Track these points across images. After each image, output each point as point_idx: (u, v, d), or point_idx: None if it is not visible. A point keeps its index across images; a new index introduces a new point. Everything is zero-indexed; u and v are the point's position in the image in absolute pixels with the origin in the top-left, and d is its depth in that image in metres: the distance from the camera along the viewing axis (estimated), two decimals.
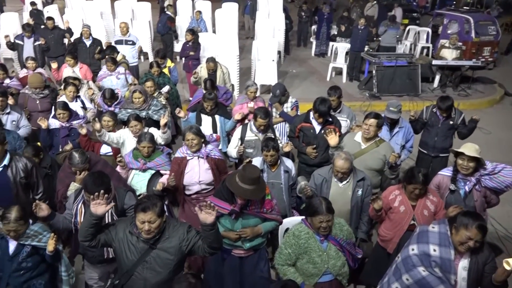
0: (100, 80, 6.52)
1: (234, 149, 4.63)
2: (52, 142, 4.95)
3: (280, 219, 3.52)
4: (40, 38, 7.65)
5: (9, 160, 3.68)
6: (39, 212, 3.13)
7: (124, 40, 7.91)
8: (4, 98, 4.88)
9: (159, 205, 2.64)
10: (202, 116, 5.19)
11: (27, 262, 2.99)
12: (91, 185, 3.04)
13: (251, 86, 5.56)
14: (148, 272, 2.69)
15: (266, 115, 4.50)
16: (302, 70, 11.15)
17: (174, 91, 6.55)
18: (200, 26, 10.39)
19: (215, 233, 2.65)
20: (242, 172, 3.15)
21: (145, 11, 11.48)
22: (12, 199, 3.60)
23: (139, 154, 4.12)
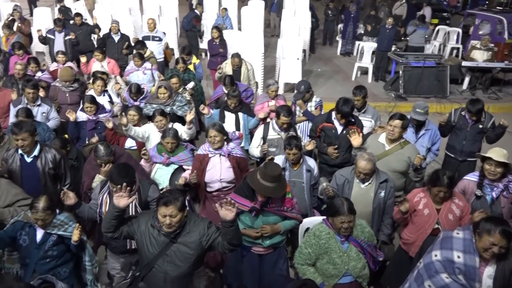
0: (127, 75, 6.64)
1: (256, 148, 4.63)
2: (79, 135, 5.08)
3: (300, 218, 3.51)
4: (70, 32, 7.84)
5: (39, 151, 3.80)
6: (67, 200, 3.23)
7: (151, 36, 8.02)
8: (35, 90, 5.03)
9: (181, 200, 2.68)
10: (225, 113, 5.22)
11: (53, 250, 3.08)
12: (117, 176, 3.11)
13: (272, 85, 5.55)
14: (168, 266, 2.73)
15: (289, 113, 4.48)
16: (327, 69, 11.05)
17: (199, 88, 6.61)
18: (225, 23, 10.43)
19: (234, 230, 2.67)
20: (263, 169, 3.16)
21: (172, 8, 11.59)
22: (40, 189, 3.72)
23: (163, 148, 4.18)
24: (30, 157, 3.78)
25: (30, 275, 3.06)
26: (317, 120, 4.80)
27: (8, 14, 9.09)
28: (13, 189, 3.42)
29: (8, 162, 3.76)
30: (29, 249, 3.06)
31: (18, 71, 5.85)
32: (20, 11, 9.36)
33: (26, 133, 3.65)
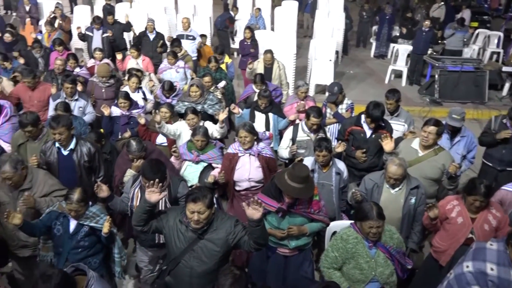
0: (160, 73, 6.78)
1: (285, 150, 4.61)
2: (112, 129, 5.22)
3: (327, 221, 3.47)
4: (108, 30, 8.07)
5: (75, 144, 3.93)
6: (100, 192, 3.32)
7: (185, 35, 8.14)
8: (73, 85, 5.21)
9: (209, 197, 2.70)
10: (255, 113, 5.22)
11: (85, 241, 3.17)
12: (149, 171, 3.18)
13: (302, 86, 5.53)
14: (195, 261, 2.76)
15: (319, 114, 4.44)
16: (359, 71, 10.89)
17: (230, 87, 6.66)
18: (258, 24, 10.46)
19: (261, 230, 2.67)
20: (291, 170, 3.15)
21: (207, 7, 11.73)
22: (76, 180, 3.85)
23: (193, 146, 4.23)
24: (67, 150, 3.91)
25: (62, 264, 3.16)
26: (346, 123, 4.74)
27: (50, 12, 9.46)
28: (50, 180, 3.55)
29: (46, 154, 3.91)
30: (63, 238, 3.17)
31: (58, 66, 6.08)
32: (61, 9, 9.72)
33: (63, 128, 3.78)
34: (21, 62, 6.75)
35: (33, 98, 5.46)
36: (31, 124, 4.02)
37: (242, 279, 2.47)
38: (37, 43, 7.33)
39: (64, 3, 11.16)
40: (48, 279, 2.18)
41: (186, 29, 8.24)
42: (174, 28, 10.42)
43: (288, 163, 5.00)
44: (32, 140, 4.14)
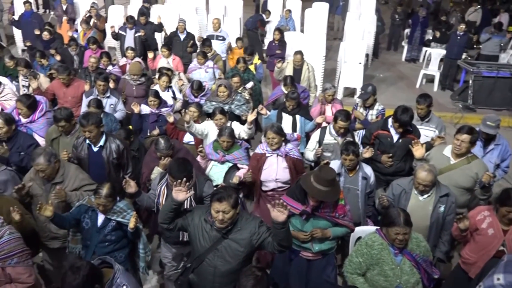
0: (189, 72, 6.87)
1: (311, 152, 4.59)
2: (141, 127, 5.33)
3: (352, 226, 3.42)
4: (140, 30, 8.24)
5: (105, 141, 4.03)
6: (128, 188, 3.40)
7: (215, 36, 8.23)
8: (106, 83, 5.36)
9: (234, 197, 2.72)
10: (283, 115, 5.21)
11: (112, 235, 3.24)
12: (176, 170, 3.23)
13: (329, 89, 5.48)
14: (218, 260, 2.78)
15: (347, 118, 4.39)
16: (390, 75, 10.69)
17: (257, 88, 6.67)
18: (288, 25, 10.44)
19: (285, 232, 2.66)
20: (317, 172, 3.12)
21: (237, 8, 11.79)
22: (105, 176, 3.95)
23: (219, 146, 4.26)
24: (97, 146, 4.02)
25: (90, 256, 3.25)
26: (372, 126, 4.67)
27: (86, 11, 9.76)
28: (80, 174, 3.65)
29: (78, 150, 4.03)
30: (91, 232, 3.26)
31: (91, 64, 6.26)
32: (96, 8, 10.01)
33: (92, 126, 3.88)
34: (57, 59, 6.99)
35: (67, 94, 5.63)
36: (64, 120, 4.15)
37: (264, 281, 2.47)
38: (73, 41, 7.57)
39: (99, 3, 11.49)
40: (77, 270, 2.24)
41: (216, 29, 8.32)
42: (205, 29, 10.53)
43: (313, 166, 4.96)
44: (64, 135, 4.27)
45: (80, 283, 2.22)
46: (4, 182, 3.58)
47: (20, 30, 9.54)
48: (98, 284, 2.33)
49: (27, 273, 2.89)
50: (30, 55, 7.52)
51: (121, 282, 2.41)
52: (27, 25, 9.04)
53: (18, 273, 2.83)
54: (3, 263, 2.78)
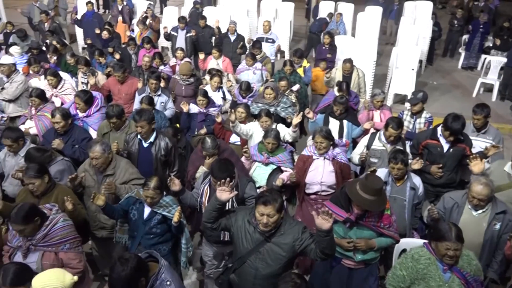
0: (238, 73, 6.94)
1: (357, 155, 4.50)
2: (190, 125, 5.45)
3: (397, 237, 3.30)
4: (191, 30, 8.43)
5: (155, 138, 4.16)
6: (172, 186, 3.48)
7: (265, 38, 8.26)
8: (158, 81, 5.54)
9: (280, 201, 2.70)
10: (330, 119, 5.14)
11: (157, 228, 3.34)
12: (217, 170, 3.27)
13: (378, 95, 5.34)
14: (260, 263, 2.78)
15: (398, 126, 4.25)
16: (444, 83, 10.23)
17: (303, 90, 6.61)
18: (339, 29, 10.28)
19: (329, 240, 2.62)
20: (364, 180, 3.04)
21: (288, 11, 11.79)
22: (152, 172, 4.06)
23: (263, 147, 4.26)
24: (147, 142, 4.16)
25: (135, 247, 3.38)
26: (420, 136, 4.48)
27: (142, 12, 10.15)
28: (130, 168, 3.79)
29: (129, 144, 4.20)
30: (137, 223, 3.37)
31: (145, 63, 6.50)
32: (152, 9, 10.38)
33: (144, 122, 4.03)
34: (116, 57, 7.31)
35: (122, 91, 5.88)
36: (116, 116, 4.34)
37: None
38: (132, 41, 7.89)
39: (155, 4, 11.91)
40: (125, 262, 2.33)
41: (266, 32, 8.36)
42: (255, 31, 10.62)
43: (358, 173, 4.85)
44: (115, 130, 4.46)
45: (128, 274, 2.30)
46: (61, 172, 3.79)
47: (81, 29, 10.09)
48: (144, 277, 2.40)
49: (77, 259, 3.04)
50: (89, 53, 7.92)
51: (165, 278, 2.47)
52: (88, 24, 9.55)
53: (69, 259, 2.99)
54: (56, 248, 2.94)
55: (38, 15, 9.88)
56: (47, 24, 9.46)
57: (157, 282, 2.44)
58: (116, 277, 2.30)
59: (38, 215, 2.90)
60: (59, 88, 5.73)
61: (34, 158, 3.62)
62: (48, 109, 4.88)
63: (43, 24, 9.52)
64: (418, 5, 12.04)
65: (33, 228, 2.87)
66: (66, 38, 10.67)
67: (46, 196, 3.38)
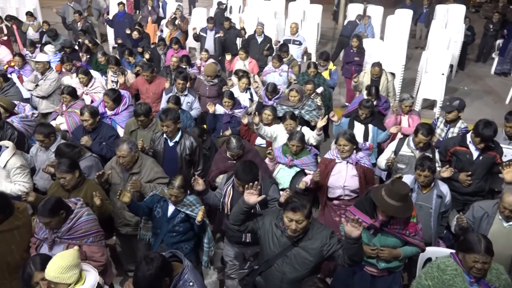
0: (264, 75, 6.95)
1: (384, 160, 4.42)
2: (215, 126, 5.49)
3: (423, 246, 3.22)
4: (219, 31, 8.51)
5: (180, 137, 4.21)
6: (196, 186, 3.51)
7: (292, 40, 8.24)
8: (185, 82, 5.61)
9: (308, 207, 2.68)
10: (355, 123, 5.07)
11: (180, 226, 3.38)
12: (242, 172, 3.28)
13: (406, 99, 5.23)
14: (287, 267, 2.76)
15: (429, 132, 4.14)
16: (475, 89, 9.93)
17: (327, 93, 6.54)
18: (366, 32, 10.14)
19: (358, 248, 2.59)
20: (390, 186, 2.98)
21: (316, 13, 11.74)
22: (176, 171, 4.11)
23: (288, 150, 4.25)
24: (172, 141, 4.22)
25: (158, 245, 3.43)
26: (449, 142, 4.36)
27: (172, 13, 10.30)
28: (156, 167, 3.85)
29: (155, 143, 4.27)
30: (161, 221, 3.42)
31: (173, 63, 6.60)
32: (181, 10, 10.52)
33: (170, 121, 4.09)
34: (146, 57, 7.45)
35: (149, 90, 5.99)
36: (143, 114, 4.42)
37: None
38: (162, 41, 8.03)
39: (184, 5, 12.06)
40: (151, 261, 2.37)
41: (293, 34, 8.33)
42: (282, 33, 10.61)
43: (383, 179, 4.76)
44: (142, 128, 4.54)
45: (152, 274, 2.33)
46: (89, 168, 3.89)
47: (112, 28, 10.34)
48: (168, 277, 2.43)
49: (100, 252, 3.11)
50: (119, 52, 8.11)
51: (188, 278, 2.49)
52: (119, 25, 9.78)
53: (92, 252, 3.06)
54: (80, 241, 3.01)
55: (72, 15, 10.19)
56: (80, 23, 9.74)
57: (180, 282, 2.47)
58: (141, 276, 2.34)
59: (64, 208, 2.98)
60: (90, 86, 5.88)
61: (64, 153, 3.73)
62: (79, 106, 5.02)
63: (76, 24, 9.81)
64: (450, 8, 11.75)
65: (58, 221, 2.95)
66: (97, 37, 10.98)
67: (76, 190, 3.48)
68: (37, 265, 2.49)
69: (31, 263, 2.53)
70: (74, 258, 2.48)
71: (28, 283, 2.47)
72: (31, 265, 2.51)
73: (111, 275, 3.43)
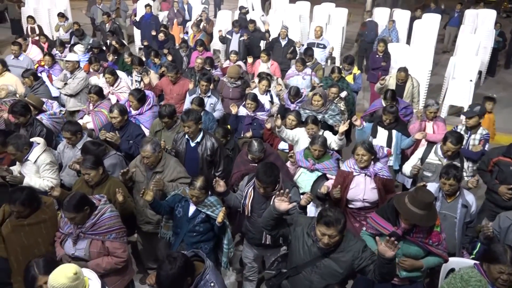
0: (287, 78, 6.94)
1: (410, 167, 4.34)
2: (237, 127, 5.52)
3: (446, 257, 3.14)
4: (244, 33, 8.55)
5: (201, 138, 4.25)
6: (217, 187, 3.53)
7: (316, 43, 8.21)
8: (208, 83, 5.66)
9: (343, 222, 2.63)
10: (378, 128, 5.00)
11: (200, 226, 3.41)
12: (263, 174, 3.28)
13: (431, 105, 5.12)
14: (315, 276, 2.74)
15: (458, 141, 4.05)
16: (505, 96, 9.63)
17: (351, 98, 6.48)
18: (391, 36, 9.99)
19: (391, 267, 2.54)
20: (413, 194, 2.93)
21: (341, 17, 11.64)
22: (197, 172, 4.14)
23: (309, 154, 4.23)
24: (194, 142, 4.26)
25: (178, 244, 3.46)
26: (493, 152, 4.24)
27: (197, 15, 10.43)
28: (178, 167, 3.90)
29: (177, 143, 4.32)
30: (182, 220, 3.46)
31: (198, 64, 6.67)
32: (207, 13, 10.63)
33: (191, 122, 4.13)
34: (169, 59, 7.56)
35: (173, 91, 6.07)
36: (167, 116, 4.50)
37: None
38: (184, 43, 8.15)
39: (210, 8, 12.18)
40: (173, 260, 2.39)
41: (318, 37, 8.30)
42: (307, 36, 10.57)
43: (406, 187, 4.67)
44: (166, 129, 4.61)
45: (175, 273, 2.36)
46: (113, 165, 3.97)
47: (139, 30, 10.54)
48: (190, 276, 2.44)
49: (122, 248, 3.16)
50: (145, 53, 8.25)
51: (209, 279, 2.50)
52: (146, 26, 9.95)
53: (114, 248, 3.11)
54: (103, 237, 3.08)
55: (101, 16, 10.44)
56: (108, 25, 9.97)
57: (201, 282, 2.48)
58: (164, 274, 2.36)
59: (88, 204, 3.05)
60: (116, 86, 6.02)
61: (90, 151, 3.82)
62: (105, 105, 5.14)
63: (104, 25, 10.04)
64: (480, 13, 11.46)
65: (83, 217, 3.02)
66: (124, 38, 11.19)
67: (99, 186, 3.56)
68: (41, 269, 2.49)
69: (34, 265, 2.51)
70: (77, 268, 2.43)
71: (31, 285, 2.48)
72: (35, 268, 2.50)
73: (132, 271, 3.48)
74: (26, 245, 3.13)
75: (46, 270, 2.46)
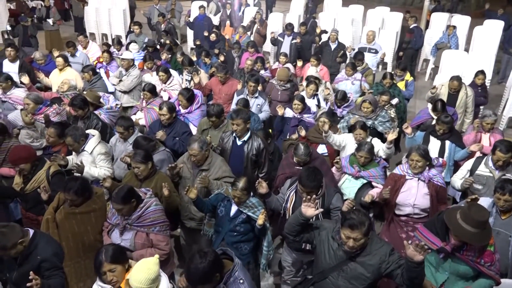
0: (336, 83, 6.84)
1: (460, 180, 4.12)
2: (282, 129, 5.51)
3: (498, 279, 2.95)
4: (297, 37, 8.53)
5: (248, 137, 4.29)
6: (260, 189, 3.54)
7: (368, 48, 8.03)
8: (256, 84, 5.70)
9: (367, 224, 2.59)
10: (430, 138, 4.80)
11: (241, 226, 3.43)
12: (305, 179, 3.25)
13: (489, 116, 4.85)
14: (342, 281, 2.70)
15: (508, 149, 3.81)
16: None
17: (402, 105, 6.27)
18: (450, 42, 9.56)
19: (419, 271, 2.46)
20: (467, 210, 2.77)
21: (396, 21, 11.29)
22: (242, 171, 4.20)
23: (355, 160, 4.14)
24: (241, 140, 4.31)
25: (219, 242, 3.51)
26: None
27: (251, 17, 10.53)
28: (224, 166, 3.95)
29: (224, 141, 4.39)
30: (223, 219, 3.50)
31: (247, 66, 6.75)
32: (261, 14, 10.71)
33: (240, 120, 4.18)
34: (221, 59, 7.70)
35: (222, 91, 6.17)
36: (215, 115, 4.59)
37: None
38: (237, 44, 8.26)
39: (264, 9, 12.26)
40: (204, 255, 2.43)
41: (370, 42, 8.12)
42: (358, 40, 10.37)
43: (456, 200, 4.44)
44: (213, 128, 4.70)
45: (205, 267, 2.39)
46: (162, 161, 4.10)
47: (192, 30, 10.82)
48: (218, 273, 2.47)
49: (165, 241, 3.26)
50: (197, 53, 8.45)
51: (238, 276, 2.51)
52: (198, 27, 10.20)
53: (158, 240, 3.21)
54: (148, 229, 3.18)
55: (157, 17, 10.82)
56: (163, 25, 10.31)
57: (230, 279, 2.50)
58: (194, 268, 2.39)
59: (135, 197, 3.17)
60: (168, 84, 6.21)
61: (141, 145, 3.97)
62: (157, 103, 5.32)
63: (160, 25, 10.39)
64: None
65: (129, 209, 3.13)
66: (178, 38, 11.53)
67: (147, 180, 3.69)
68: (108, 257, 2.59)
69: (104, 252, 2.62)
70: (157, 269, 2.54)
71: (98, 269, 2.61)
72: (103, 254, 2.61)
73: (173, 264, 3.57)
74: (76, 232, 3.29)
75: (113, 260, 2.59)
